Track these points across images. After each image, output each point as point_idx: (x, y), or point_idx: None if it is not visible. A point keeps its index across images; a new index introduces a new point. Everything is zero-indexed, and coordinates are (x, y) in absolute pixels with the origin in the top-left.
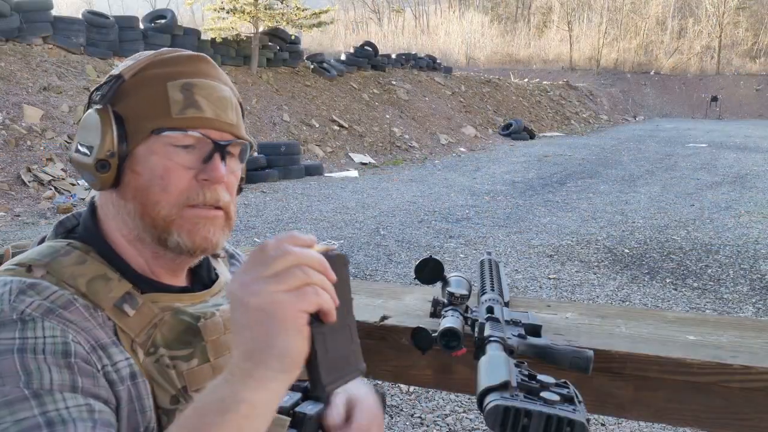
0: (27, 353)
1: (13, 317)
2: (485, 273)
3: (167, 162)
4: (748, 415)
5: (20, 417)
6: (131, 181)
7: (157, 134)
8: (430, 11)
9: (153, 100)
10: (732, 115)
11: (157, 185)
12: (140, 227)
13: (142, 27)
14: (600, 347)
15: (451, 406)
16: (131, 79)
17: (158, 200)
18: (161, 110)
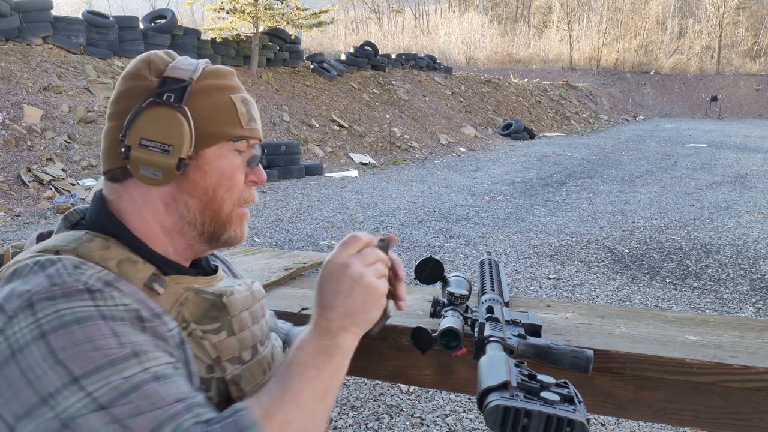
0: (108, 319)
1: (79, 287)
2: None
3: (232, 165)
4: (748, 415)
5: (127, 374)
6: (198, 180)
7: (233, 141)
8: (430, 11)
9: (222, 109)
10: (732, 115)
11: (224, 186)
12: (197, 220)
13: (142, 27)
14: (600, 347)
15: (451, 406)
16: (195, 85)
17: (224, 198)
18: (233, 120)
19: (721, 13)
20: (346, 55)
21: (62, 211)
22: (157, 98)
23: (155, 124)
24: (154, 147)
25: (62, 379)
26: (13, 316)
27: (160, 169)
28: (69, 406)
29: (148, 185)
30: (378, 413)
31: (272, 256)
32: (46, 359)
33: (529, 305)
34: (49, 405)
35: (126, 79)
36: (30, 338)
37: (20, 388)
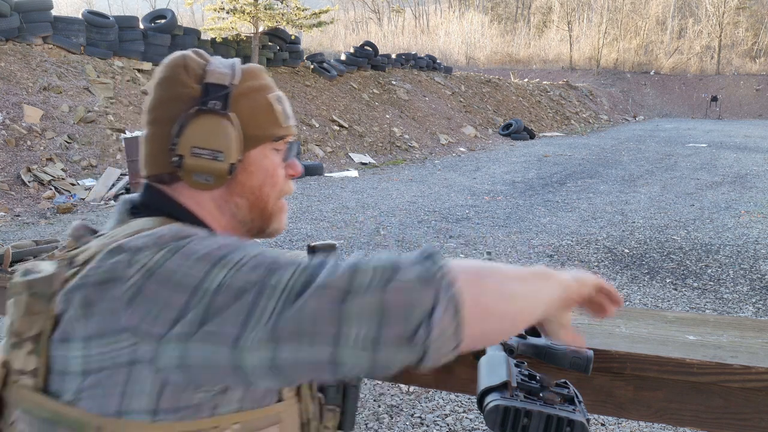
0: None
1: (202, 233)
2: None
3: (274, 163)
4: (748, 415)
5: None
6: (245, 181)
7: (275, 141)
8: (430, 11)
9: (263, 110)
10: (732, 115)
11: (268, 183)
12: (247, 217)
13: (142, 27)
14: (600, 347)
15: (451, 406)
16: (237, 90)
17: (269, 194)
18: (273, 120)
19: (721, 13)
20: (346, 55)
21: (62, 211)
22: (202, 106)
23: (204, 133)
24: (205, 155)
25: (205, 267)
26: (141, 249)
27: (212, 175)
28: (222, 279)
29: (198, 190)
30: (378, 413)
31: None
32: (185, 261)
33: None
34: (201, 289)
35: (165, 86)
36: (167, 257)
37: (166, 296)
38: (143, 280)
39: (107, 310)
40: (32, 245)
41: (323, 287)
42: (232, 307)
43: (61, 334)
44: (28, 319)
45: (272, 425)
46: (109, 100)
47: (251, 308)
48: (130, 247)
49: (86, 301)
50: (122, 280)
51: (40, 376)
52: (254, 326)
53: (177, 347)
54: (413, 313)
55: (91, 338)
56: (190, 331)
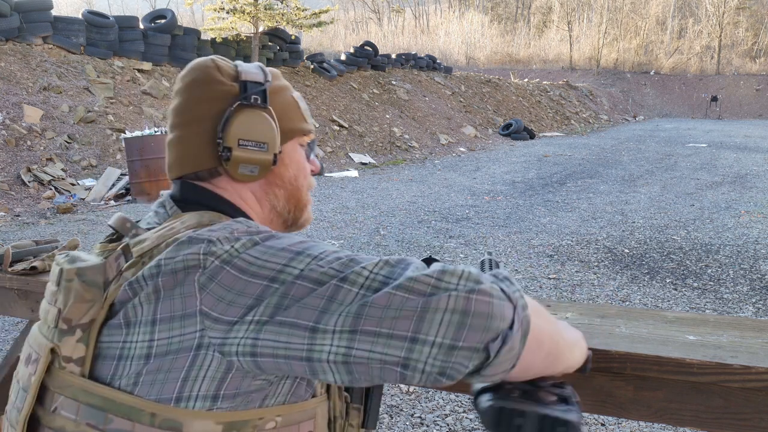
0: None
1: (272, 233)
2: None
3: (303, 157)
4: (748, 415)
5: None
6: (282, 172)
7: (306, 135)
8: (430, 11)
9: (291, 107)
10: (732, 115)
11: (302, 175)
12: (285, 208)
13: (142, 27)
14: (600, 347)
15: (451, 406)
16: (270, 87)
17: (302, 185)
18: (301, 116)
19: (721, 13)
20: (346, 55)
21: (62, 211)
22: (244, 101)
23: (250, 126)
24: (252, 146)
25: (285, 258)
26: (217, 241)
27: (258, 165)
28: (299, 271)
29: (239, 182)
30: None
31: None
32: (265, 253)
33: None
34: (279, 281)
35: (199, 86)
36: (242, 247)
37: (242, 285)
38: (221, 267)
39: (180, 294)
40: (32, 245)
41: (411, 280)
42: (312, 295)
43: (121, 319)
44: (81, 306)
45: (308, 420)
46: (109, 100)
47: (332, 296)
48: (207, 238)
49: (159, 287)
50: (199, 267)
51: (87, 363)
52: (333, 314)
53: (250, 333)
54: (494, 323)
55: (160, 322)
56: (265, 319)
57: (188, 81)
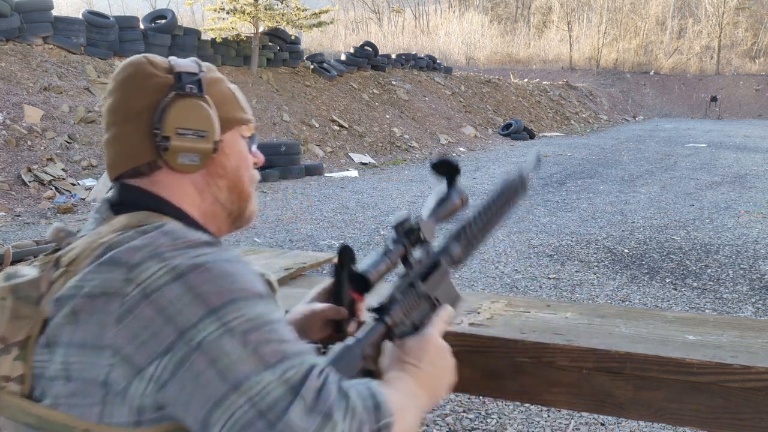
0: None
1: (202, 240)
2: None
3: (245, 147)
4: (748, 415)
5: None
6: (224, 162)
7: (245, 125)
8: (430, 11)
9: (228, 98)
10: (731, 115)
11: (243, 165)
12: (228, 199)
13: (142, 27)
14: (600, 347)
15: (451, 406)
16: (205, 77)
17: (245, 176)
18: (239, 106)
19: (721, 13)
20: (346, 55)
21: (63, 211)
22: (180, 90)
23: (187, 114)
24: (190, 134)
25: (200, 313)
26: (139, 264)
27: (198, 154)
28: (207, 335)
29: (181, 173)
30: None
31: (272, 256)
32: (185, 295)
33: (529, 305)
34: (186, 337)
35: (130, 82)
36: (166, 279)
37: (157, 327)
38: (138, 300)
39: (96, 322)
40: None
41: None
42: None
43: (47, 339)
44: (16, 324)
45: None
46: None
47: (219, 401)
48: (127, 261)
49: (77, 310)
50: (117, 296)
51: (27, 381)
52: (217, 423)
53: (152, 387)
54: None
55: (74, 346)
56: (166, 377)
57: (121, 78)
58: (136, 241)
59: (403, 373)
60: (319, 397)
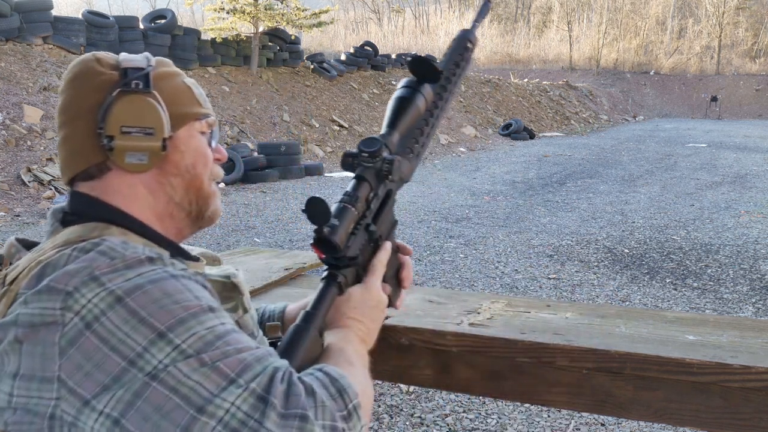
0: (179, 277)
1: (140, 258)
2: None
3: (202, 143)
4: (747, 415)
5: (209, 325)
6: (178, 160)
7: (200, 120)
8: (430, 11)
9: (182, 92)
10: (732, 115)
11: (200, 162)
12: (184, 199)
13: (142, 27)
14: (600, 347)
15: (451, 406)
16: (154, 72)
17: (202, 174)
18: (194, 101)
19: (721, 13)
20: (346, 55)
21: None
22: (125, 87)
23: (132, 111)
24: (136, 132)
25: (147, 337)
26: (75, 291)
27: (146, 152)
28: (159, 362)
29: (131, 173)
30: (378, 413)
31: (272, 256)
32: (128, 321)
33: (529, 305)
34: (137, 366)
35: (77, 81)
36: (105, 306)
37: (101, 357)
38: (81, 329)
39: (40, 354)
40: None
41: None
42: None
43: None
44: None
45: None
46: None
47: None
48: (63, 289)
49: (20, 338)
50: (56, 326)
51: None
52: None
53: (104, 421)
54: None
55: (20, 378)
56: (116, 416)
57: (69, 78)
58: (72, 265)
59: (347, 332)
60: (289, 400)
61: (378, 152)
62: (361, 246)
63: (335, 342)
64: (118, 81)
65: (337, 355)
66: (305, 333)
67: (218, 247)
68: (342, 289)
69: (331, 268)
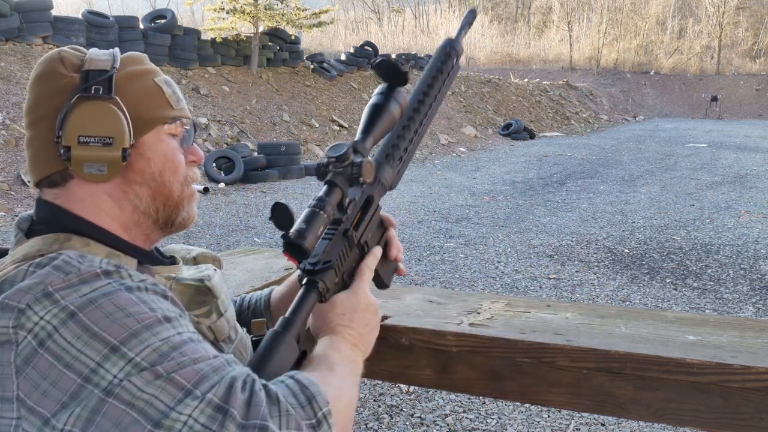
0: (134, 290)
1: (96, 271)
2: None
3: (172, 147)
4: (748, 415)
5: (164, 336)
6: (143, 167)
7: (168, 124)
8: (430, 11)
9: (150, 93)
10: (732, 115)
11: (169, 168)
12: (150, 207)
13: (142, 27)
14: (600, 347)
15: (451, 406)
16: (119, 74)
17: (171, 181)
18: (164, 102)
19: (721, 13)
20: (346, 55)
21: None
22: (84, 93)
23: (90, 119)
24: (94, 142)
25: (101, 352)
26: (27, 309)
27: (105, 163)
28: (113, 377)
29: (94, 183)
30: (378, 413)
31: (272, 256)
32: (80, 337)
33: (529, 305)
34: (92, 382)
35: (40, 82)
36: (57, 322)
37: (57, 375)
38: (34, 348)
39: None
40: None
41: None
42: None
43: None
44: None
45: None
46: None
47: None
48: (16, 306)
49: None
50: (10, 344)
51: None
52: None
53: None
54: None
55: None
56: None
57: (34, 77)
58: (26, 282)
59: (335, 338)
60: (250, 410)
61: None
62: (339, 251)
63: (321, 349)
64: (78, 85)
65: (317, 362)
66: (281, 338)
67: (218, 247)
68: (322, 294)
69: (308, 275)
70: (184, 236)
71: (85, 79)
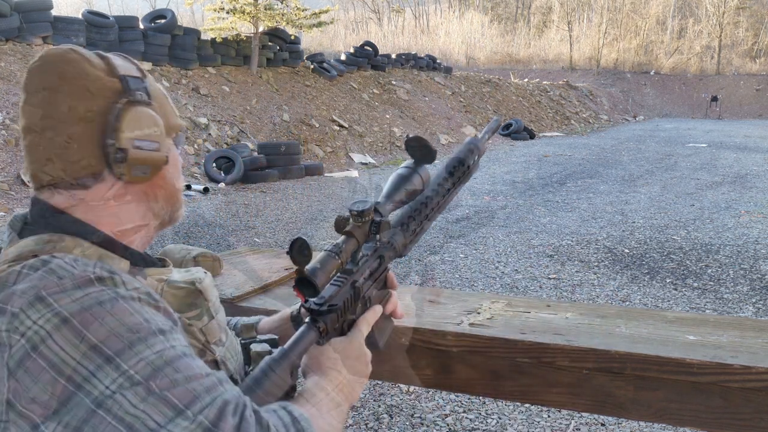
0: (128, 299)
1: (89, 276)
2: None
3: (177, 152)
4: (748, 415)
5: (158, 349)
6: (165, 171)
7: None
8: (430, 11)
9: (164, 101)
10: (732, 115)
11: (177, 171)
12: (163, 209)
13: (142, 27)
14: (600, 347)
15: (451, 406)
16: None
17: (177, 182)
18: (173, 111)
19: (721, 13)
20: (346, 55)
21: None
22: (132, 98)
23: (143, 124)
24: (147, 146)
25: (95, 362)
26: (21, 312)
27: (150, 165)
28: (105, 388)
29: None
30: (378, 413)
31: (272, 256)
32: (74, 344)
33: (529, 305)
34: (84, 390)
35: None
36: (51, 327)
37: (48, 380)
38: (27, 352)
39: None
40: None
41: None
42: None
43: None
44: None
45: None
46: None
47: None
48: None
49: None
50: (4, 347)
51: None
52: None
53: None
54: None
55: None
56: None
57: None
58: (19, 285)
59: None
60: None
61: (367, 213)
62: (344, 298)
63: (310, 387)
64: (121, 90)
65: (307, 398)
66: (276, 366)
67: (218, 247)
68: (321, 334)
69: (313, 314)
70: (184, 236)
71: (127, 84)
